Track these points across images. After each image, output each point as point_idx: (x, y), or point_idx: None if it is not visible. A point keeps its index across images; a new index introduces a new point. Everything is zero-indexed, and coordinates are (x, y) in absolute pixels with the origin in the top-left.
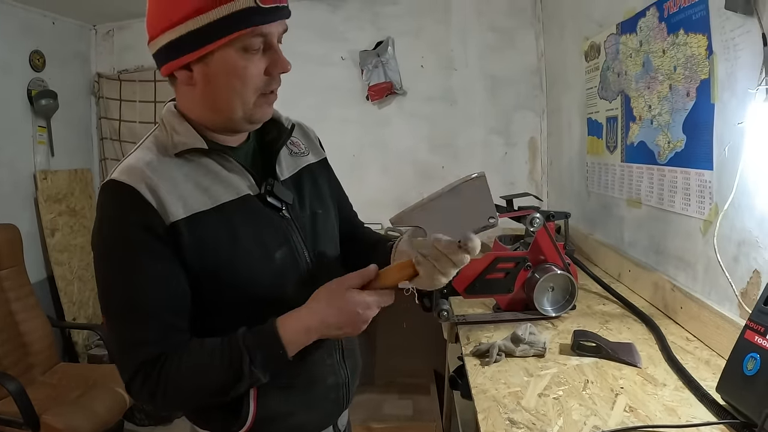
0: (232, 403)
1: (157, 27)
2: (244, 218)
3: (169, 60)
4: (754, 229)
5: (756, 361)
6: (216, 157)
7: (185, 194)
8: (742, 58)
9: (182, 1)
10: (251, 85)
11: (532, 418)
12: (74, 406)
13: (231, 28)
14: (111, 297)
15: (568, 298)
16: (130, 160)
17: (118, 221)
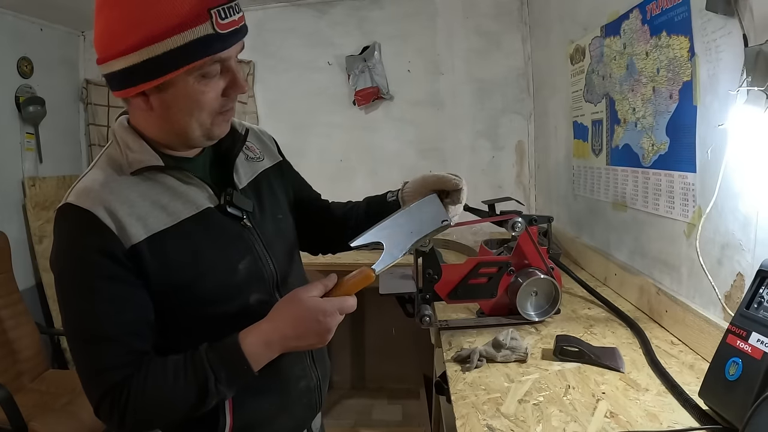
0: (208, 416)
1: (109, 50)
2: (206, 233)
3: (124, 87)
4: (737, 231)
5: (738, 366)
6: (173, 172)
7: (143, 214)
8: (723, 59)
9: (137, 27)
10: (209, 108)
11: (510, 425)
12: (62, 413)
13: (189, 57)
14: (72, 324)
15: (552, 302)
16: (85, 181)
17: (75, 247)
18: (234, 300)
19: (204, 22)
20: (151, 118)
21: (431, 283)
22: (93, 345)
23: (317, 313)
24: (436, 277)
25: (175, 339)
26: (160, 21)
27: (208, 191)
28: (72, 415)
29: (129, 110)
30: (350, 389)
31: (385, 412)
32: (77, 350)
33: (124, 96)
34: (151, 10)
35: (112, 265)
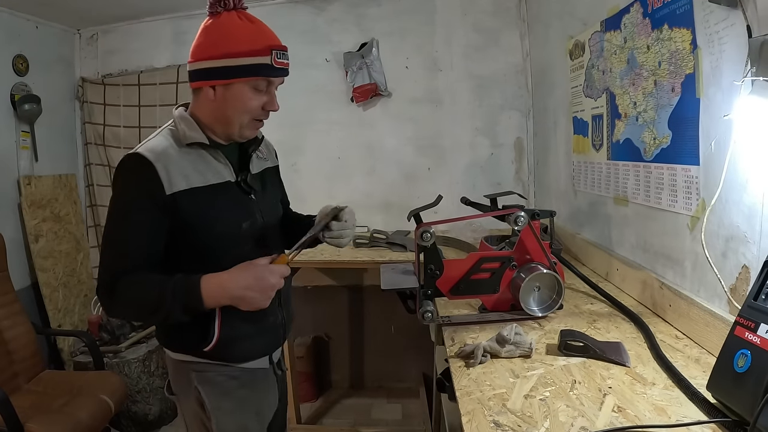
0: (201, 329)
1: (202, 54)
2: (225, 196)
3: (204, 79)
4: (742, 223)
5: (747, 358)
6: (211, 150)
7: (187, 173)
8: (726, 51)
9: (226, 45)
10: (250, 112)
11: (517, 420)
12: (59, 414)
13: (252, 72)
14: (108, 231)
15: (555, 297)
16: (152, 142)
17: (132, 183)
18: (232, 246)
19: (267, 55)
20: (210, 106)
21: (433, 278)
22: (114, 249)
23: (264, 270)
24: (438, 272)
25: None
26: (242, 46)
27: (230, 170)
28: (69, 416)
29: (194, 100)
30: (349, 388)
31: (384, 411)
32: (103, 250)
33: (200, 86)
34: (240, 39)
35: (152, 205)
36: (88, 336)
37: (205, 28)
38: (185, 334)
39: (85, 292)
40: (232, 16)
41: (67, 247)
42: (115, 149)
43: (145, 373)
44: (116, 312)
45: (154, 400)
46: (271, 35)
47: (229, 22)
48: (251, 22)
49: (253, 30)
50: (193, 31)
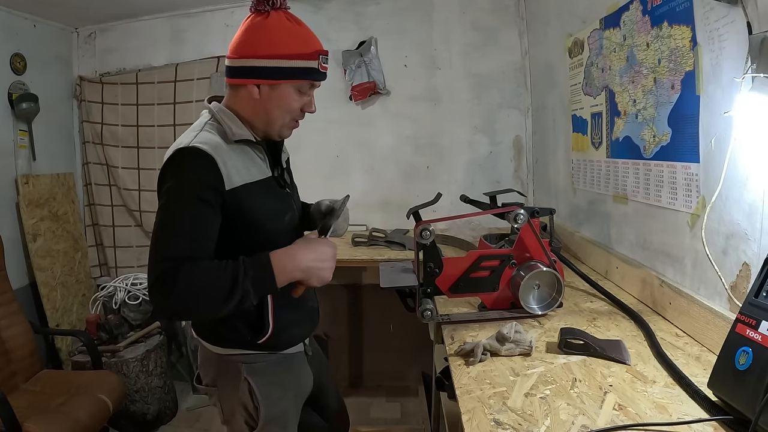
0: (257, 322)
1: (249, 52)
2: (269, 191)
3: (248, 77)
4: (742, 221)
5: (748, 355)
6: (254, 147)
7: (241, 169)
8: (727, 48)
9: (277, 46)
10: (291, 112)
11: (518, 419)
12: (57, 413)
13: (301, 76)
14: (164, 220)
15: (555, 295)
16: (203, 136)
17: (193, 174)
18: (277, 237)
19: (314, 60)
20: (253, 104)
21: (432, 276)
22: (172, 237)
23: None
24: (437, 270)
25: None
26: (293, 49)
27: (268, 165)
28: (67, 416)
29: (234, 96)
30: (348, 387)
31: (383, 410)
32: (158, 239)
33: (243, 83)
34: (290, 41)
35: (212, 196)
36: (86, 335)
37: (252, 26)
38: (239, 330)
39: (83, 292)
40: (280, 17)
41: (65, 247)
42: (113, 148)
43: (144, 372)
44: (179, 302)
45: (152, 400)
46: (317, 40)
47: (279, 23)
48: (299, 25)
49: (302, 33)
50: (191, 29)
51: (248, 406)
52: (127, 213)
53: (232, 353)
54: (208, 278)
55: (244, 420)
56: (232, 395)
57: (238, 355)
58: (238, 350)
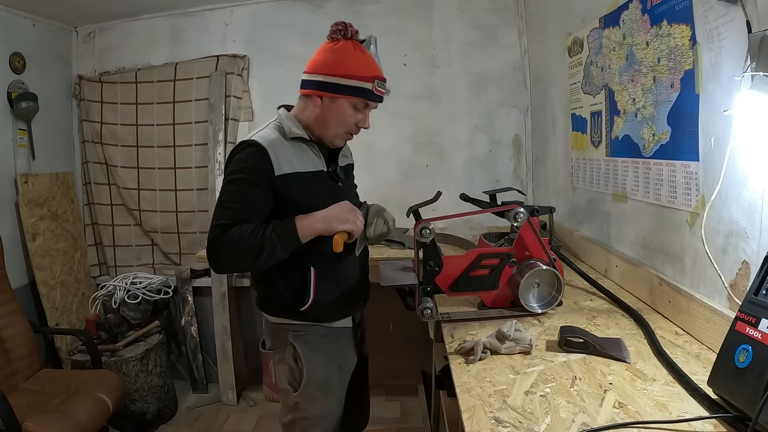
0: (299, 291)
1: (319, 69)
2: (319, 182)
3: (316, 89)
4: (742, 219)
5: (748, 353)
6: (310, 145)
7: (292, 160)
8: (726, 47)
9: (341, 67)
10: (345, 125)
11: (518, 417)
12: (56, 412)
13: (356, 93)
14: (222, 200)
15: (555, 294)
16: (263, 132)
17: (249, 163)
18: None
19: (370, 83)
20: (315, 112)
21: (432, 275)
22: (226, 211)
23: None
24: (437, 269)
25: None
26: (353, 71)
27: (323, 162)
28: (67, 415)
29: (301, 104)
30: None
31: (383, 409)
32: (214, 212)
33: (310, 94)
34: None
35: (261, 179)
36: (85, 334)
37: (325, 49)
38: (286, 298)
39: (83, 291)
40: (348, 45)
41: (65, 246)
42: (112, 147)
43: (143, 371)
44: (224, 259)
45: (152, 399)
46: (376, 67)
47: (346, 49)
48: (363, 53)
49: (364, 60)
50: (190, 28)
51: (293, 369)
52: (127, 212)
53: (283, 322)
54: (244, 236)
55: (288, 382)
56: (281, 359)
57: (287, 324)
58: (287, 319)
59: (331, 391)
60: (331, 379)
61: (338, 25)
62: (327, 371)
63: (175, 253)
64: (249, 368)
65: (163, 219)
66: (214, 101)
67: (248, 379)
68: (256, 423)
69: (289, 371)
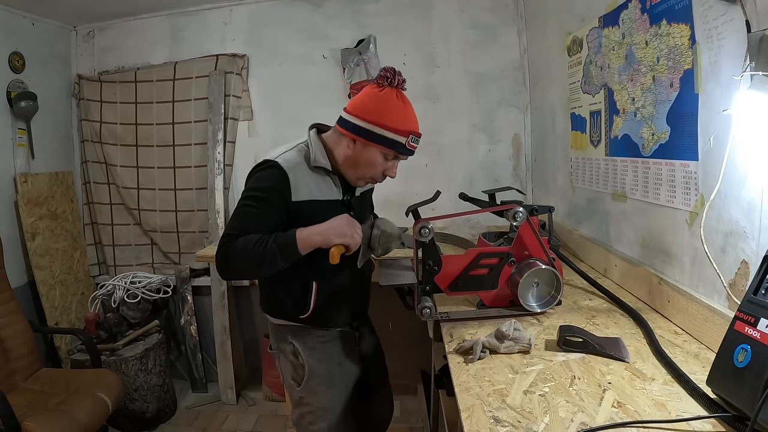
0: (300, 299)
1: (359, 113)
2: (332, 210)
3: (351, 132)
4: (741, 219)
5: (747, 353)
6: (330, 175)
7: (311, 188)
8: (725, 46)
9: (379, 115)
10: (373, 171)
11: (517, 416)
12: (56, 412)
13: (388, 145)
14: (236, 211)
15: (554, 293)
16: (288, 155)
17: (269, 183)
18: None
19: (405, 137)
20: (345, 152)
21: (431, 274)
22: (234, 222)
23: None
24: (436, 268)
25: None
26: (390, 123)
27: (340, 191)
28: (66, 415)
29: (334, 138)
30: None
31: None
32: (230, 223)
33: (346, 135)
34: (391, 116)
35: (277, 201)
36: (85, 334)
37: (369, 93)
38: (287, 306)
39: (82, 290)
40: (392, 94)
41: (64, 245)
42: (111, 146)
43: (143, 371)
44: (230, 269)
45: (151, 398)
46: (414, 122)
47: (389, 98)
48: (404, 104)
49: (403, 113)
50: (190, 27)
51: (296, 365)
52: (126, 211)
53: (283, 323)
54: (247, 246)
55: (291, 377)
56: (285, 358)
57: (286, 326)
58: (287, 322)
59: (334, 385)
60: (332, 374)
61: (387, 71)
62: (327, 366)
63: (175, 253)
64: (248, 367)
65: (162, 218)
66: (214, 100)
67: (247, 379)
68: (255, 422)
69: (292, 367)
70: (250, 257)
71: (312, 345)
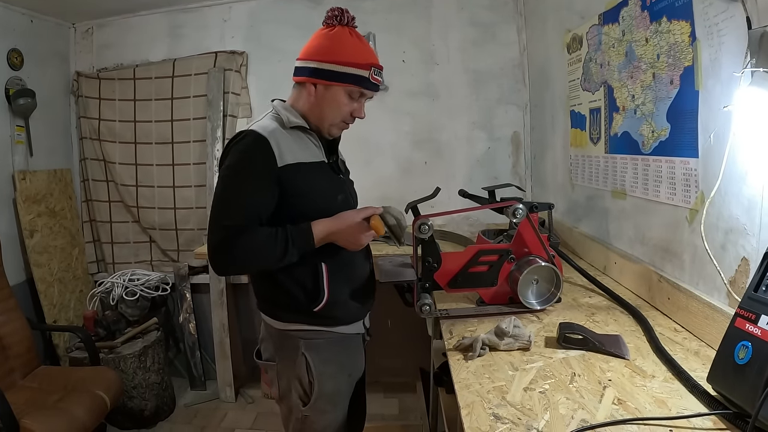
0: (314, 291)
1: (313, 56)
2: (321, 173)
3: (309, 76)
4: (741, 216)
5: (747, 350)
6: (309, 135)
7: (293, 150)
8: (726, 43)
9: (338, 54)
10: (341, 114)
11: (517, 413)
12: (54, 409)
13: (351, 81)
14: (222, 193)
15: (553, 290)
16: (262, 123)
17: (249, 153)
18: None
19: (366, 70)
20: (309, 101)
21: (431, 271)
22: (230, 209)
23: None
24: (435, 265)
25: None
26: (349, 58)
27: (323, 153)
28: (64, 412)
29: (296, 93)
30: None
31: (381, 406)
32: (218, 208)
33: (305, 81)
34: (348, 51)
35: (265, 171)
36: (83, 331)
37: (320, 35)
38: (298, 298)
39: (81, 288)
40: (344, 31)
41: (62, 243)
42: (110, 144)
43: (141, 368)
44: (234, 265)
45: (150, 396)
46: (372, 55)
47: (342, 35)
48: (359, 40)
49: (360, 47)
50: (188, 24)
51: (303, 382)
52: (125, 209)
53: (292, 328)
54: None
55: (298, 395)
56: (289, 370)
57: (297, 331)
58: (297, 325)
59: (341, 402)
60: (341, 390)
61: (334, 10)
62: (337, 382)
63: (173, 250)
64: (247, 365)
65: (161, 216)
66: (213, 98)
67: (246, 376)
68: (254, 420)
69: (298, 384)
70: (259, 260)
71: (326, 356)
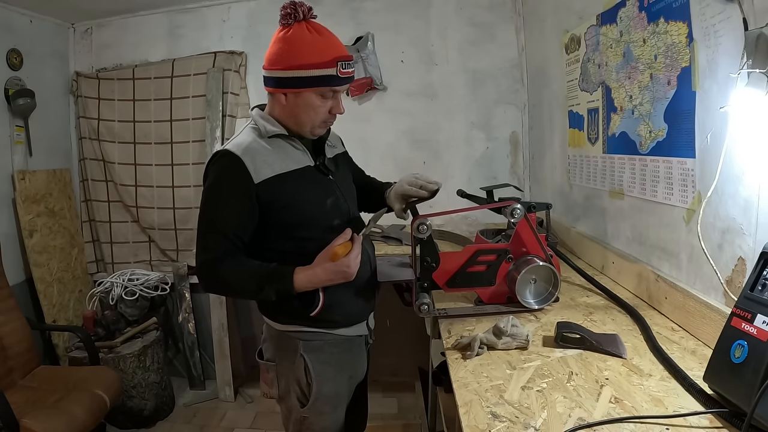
0: (308, 297)
1: (275, 64)
2: (306, 179)
3: (276, 86)
4: (738, 215)
5: (743, 349)
6: (290, 141)
7: (271, 162)
8: (723, 44)
9: (298, 58)
10: (319, 116)
11: (515, 412)
12: (54, 409)
13: (319, 83)
14: (204, 217)
15: (551, 290)
16: (238, 139)
17: (224, 175)
18: (322, 221)
19: (332, 67)
20: (283, 109)
21: (429, 271)
22: (211, 233)
23: (340, 265)
24: (434, 265)
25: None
26: (310, 59)
27: (308, 156)
28: (64, 412)
29: (270, 101)
30: None
31: (380, 406)
32: (200, 233)
33: (274, 91)
34: (308, 52)
35: (243, 193)
36: (83, 331)
37: (278, 39)
38: (294, 304)
39: (80, 288)
40: (302, 28)
41: (62, 243)
42: (109, 144)
43: (141, 368)
44: (214, 289)
45: (149, 395)
46: (337, 46)
47: (299, 35)
48: (319, 33)
49: (321, 43)
50: (188, 25)
51: (302, 383)
52: (124, 209)
53: (291, 330)
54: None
55: (297, 397)
56: (288, 371)
57: (296, 332)
58: (296, 326)
59: (340, 404)
60: (340, 392)
61: (287, 7)
62: (337, 384)
63: (173, 250)
64: (246, 365)
65: (160, 216)
66: (212, 98)
67: (245, 376)
68: (253, 419)
69: (297, 386)
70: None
71: (326, 358)
